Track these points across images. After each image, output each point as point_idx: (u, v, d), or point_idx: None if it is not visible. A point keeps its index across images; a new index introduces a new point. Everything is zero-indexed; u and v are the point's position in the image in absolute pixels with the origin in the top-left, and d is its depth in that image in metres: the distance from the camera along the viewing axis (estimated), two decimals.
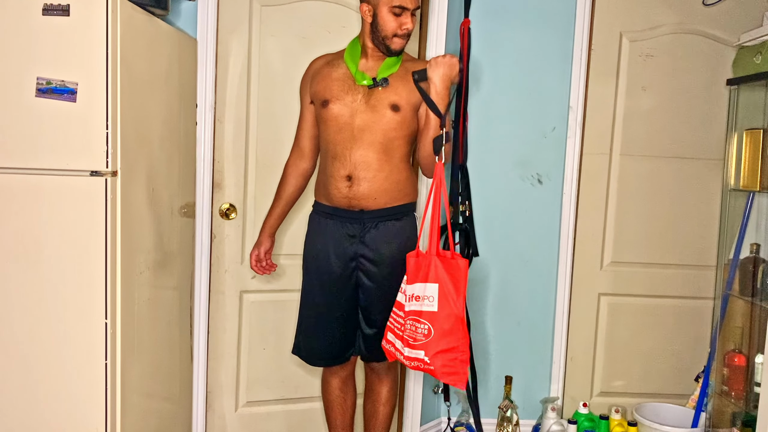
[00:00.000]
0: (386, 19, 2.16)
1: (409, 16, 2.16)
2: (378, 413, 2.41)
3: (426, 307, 2.09)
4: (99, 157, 1.80)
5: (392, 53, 2.21)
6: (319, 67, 2.29)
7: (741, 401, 2.71)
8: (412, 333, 2.09)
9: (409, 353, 2.10)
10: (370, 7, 2.17)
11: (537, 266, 3.00)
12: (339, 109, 2.19)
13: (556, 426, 2.87)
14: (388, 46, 2.19)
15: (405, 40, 2.20)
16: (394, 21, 2.15)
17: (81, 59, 1.77)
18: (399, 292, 2.16)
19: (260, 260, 2.41)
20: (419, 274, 2.11)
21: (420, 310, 2.09)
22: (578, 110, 2.93)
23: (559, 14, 2.89)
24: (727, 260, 2.83)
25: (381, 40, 2.19)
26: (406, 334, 2.10)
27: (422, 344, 2.08)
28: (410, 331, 2.10)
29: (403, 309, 2.12)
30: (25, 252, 1.82)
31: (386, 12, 2.15)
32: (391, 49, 2.20)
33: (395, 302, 2.17)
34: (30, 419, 1.86)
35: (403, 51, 2.24)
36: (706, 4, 2.91)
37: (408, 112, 2.21)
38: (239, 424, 2.79)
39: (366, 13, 2.19)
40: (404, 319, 2.12)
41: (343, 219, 2.23)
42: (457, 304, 2.08)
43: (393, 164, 2.21)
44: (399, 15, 2.15)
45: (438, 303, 2.07)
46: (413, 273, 2.12)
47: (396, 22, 2.15)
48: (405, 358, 2.11)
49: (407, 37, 2.20)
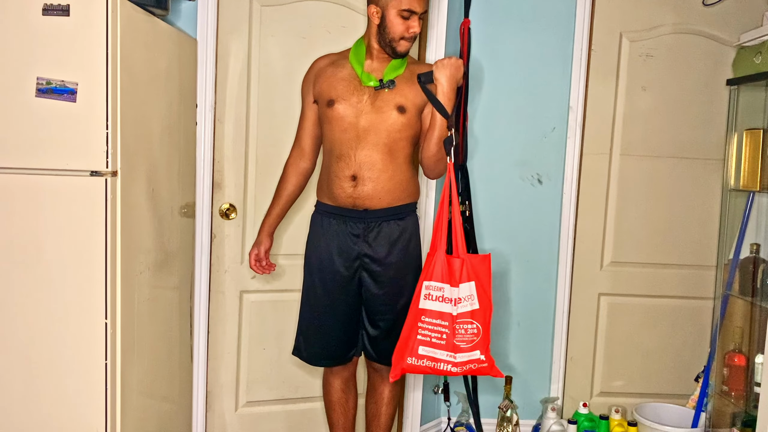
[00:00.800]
0: (394, 22, 2.16)
1: (416, 20, 2.17)
2: (380, 414, 2.41)
3: (471, 306, 2.10)
4: (99, 157, 1.80)
5: (398, 55, 2.22)
6: (323, 67, 2.29)
7: (741, 401, 2.71)
8: (463, 336, 2.08)
9: (462, 358, 2.08)
10: (378, 8, 2.18)
11: (537, 266, 3.00)
12: (344, 110, 2.19)
13: (556, 426, 2.87)
14: (394, 48, 2.20)
15: (411, 42, 2.21)
16: (402, 24, 2.16)
17: (81, 59, 1.77)
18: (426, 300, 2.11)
19: (260, 260, 2.41)
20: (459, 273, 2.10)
21: (471, 311, 2.09)
22: (578, 110, 2.93)
23: (559, 14, 2.89)
24: (727, 260, 2.83)
25: (388, 42, 2.19)
26: (457, 339, 2.08)
27: (476, 344, 2.09)
28: (462, 334, 2.08)
29: (448, 316, 2.08)
30: (25, 252, 1.82)
31: (394, 15, 2.15)
32: (397, 51, 2.21)
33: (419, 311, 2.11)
34: (30, 419, 1.86)
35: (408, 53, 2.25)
36: (706, 4, 2.91)
37: (413, 113, 2.22)
38: (239, 424, 2.79)
39: (374, 14, 2.19)
40: (452, 324, 2.08)
41: (346, 219, 2.23)
42: (489, 298, 2.14)
43: (397, 164, 2.22)
44: (407, 18, 2.15)
45: (478, 299, 2.11)
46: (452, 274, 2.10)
47: (404, 25, 2.16)
48: (456, 364, 2.08)
49: (413, 40, 2.21)
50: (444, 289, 2.10)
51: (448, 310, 2.09)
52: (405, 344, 2.11)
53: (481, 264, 2.14)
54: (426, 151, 2.23)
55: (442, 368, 2.09)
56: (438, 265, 2.10)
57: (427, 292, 2.11)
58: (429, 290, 2.10)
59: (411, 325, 2.12)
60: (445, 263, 2.10)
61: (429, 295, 2.10)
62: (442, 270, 2.10)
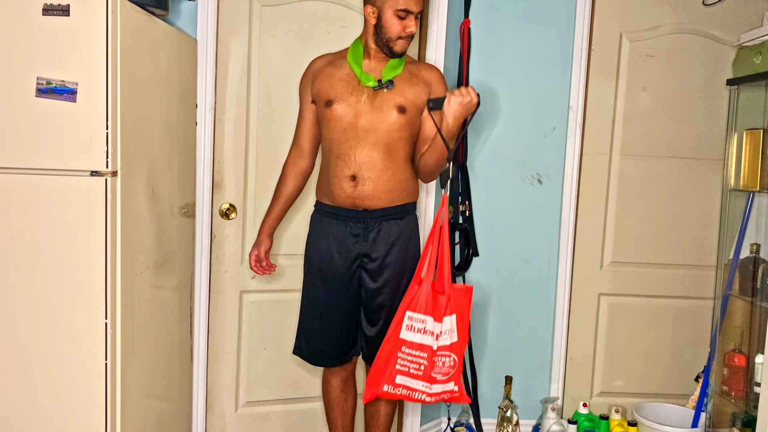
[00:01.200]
0: (391, 22, 2.16)
1: (412, 19, 2.17)
2: (379, 413, 2.41)
3: (451, 339, 2.11)
4: (99, 157, 1.80)
5: (395, 55, 2.22)
6: (321, 67, 2.29)
7: (741, 401, 2.71)
8: (440, 368, 2.10)
9: (437, 389, 2.10)
10: (374, 9, 2.18)
11: (537, 266, 3.00)
12: (343, 110, 2.19)
13: (556, 426, 2.87)
14: (391, 48, 2.20)
15: (408, 42, 2.21)
16: (398, 24, 2.16)
17: (81, 59, 1.77)
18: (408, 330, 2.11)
19: (260, 260, 2.41)
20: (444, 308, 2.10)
21: (450, 344, 2.10)
22: (578, 110, 2.93)
23: (559, 14, 2.89)
24: (727, 260, 2.83)
25: (384, 42, 2.20)
26: (434, 371, 2.09)
27: (451, 375, 2.11)
28: (439, 366, 2.10)
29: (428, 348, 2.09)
30: (25, 252, 1.82)
31: (391, 15, 2.16)
32: (394, 51, 2.21)
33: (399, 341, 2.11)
34: (30, 419, 1.86)
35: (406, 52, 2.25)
36: (706, 4, 2.91)
37: (413, 113, 2.22)
38: (239, 424, 2.79)
39: (370, 15, 2.19)
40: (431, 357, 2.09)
41: (346, 219, 2.23)
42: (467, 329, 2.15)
43: (396, 164, 2.22)
44: (403, 18, 2.16)
45: (458, 332, 2.12)
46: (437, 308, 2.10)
47: (400, 25, 2.16)
48: (431, 395, 2.10)
49: (410, 39, 2.21)
50: (426, 322, 2.10)
51: (429, 342, 2.09)
52: (382, 371, 2.13)
53: (463, 296, 2.15)
54: (422, 163, 2.25)
55: (417, 397, 2.12)
56: (423, 297, 2.10)
57: (409, 323, 2.10)
58: (411, 321, 2.10)
59: (389, 353, 2.12)
60: (430, 297, 2.10)
61: (411, 326, 2.10)
62: (426, 302, 2.10)
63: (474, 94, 2.07)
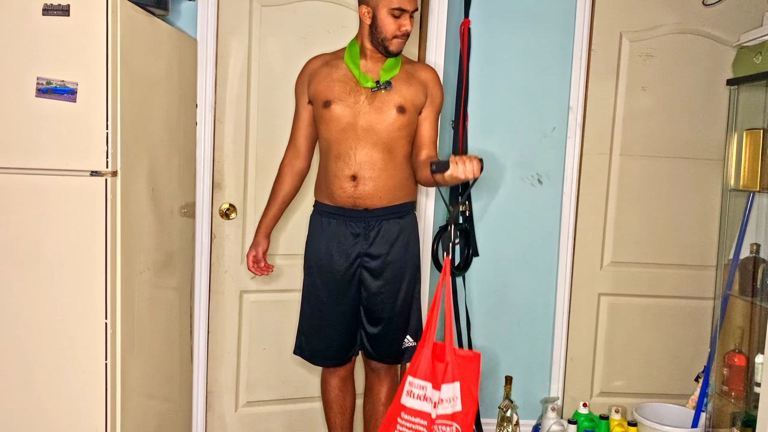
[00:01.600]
0: (385, 21, 2.16)
1: (407, 18, 2.17)
2: (377, 413, 2.41)
3: (453, 408, 2.00)
4: (99, 157, 1.80)
5: (391, 54, 2.22)
6: (317, 68, 2.29)
7: (741, 401, 2.71)
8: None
9: None
10: (369, 8, 2.18)
11: (537, 266, 3.00)
12: (342, 110, 2.19)
13: (556, 426, 2.87)
14: (386, 47, 2.19)
15: (403, 40, 2.21)
16: (393, 23, 2.16)
17: (81, 59, 1.77)
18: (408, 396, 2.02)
19: (258, 261, 2.40)
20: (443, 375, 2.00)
21: (452, 413, 1.99)
22: (578, 110, 2.93)
23: (559, 14, 2.89)
24: (727, 260, 2.83)
25: (380, 42, 2.19)
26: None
27: None
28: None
29: (427, 416, 1.99)
30: (25, 252, 1.82)
31: (385, 14, 2.15)
32: (390, 51, 2.20)
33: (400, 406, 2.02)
34: (30, 419, 1.86)
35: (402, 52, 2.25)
36: (706, 4, 2.91)
37: (412, 113, 2.23)
38: (239, 424, 2.79)
39: (365, 15, 2.19)
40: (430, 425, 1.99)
41: (347, 218, 2.23)
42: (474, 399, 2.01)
43: (396, 163, 2.22)
44: (398, 17, 2.15)
45: (462, 401, 2.00)
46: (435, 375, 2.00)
47: (395, 24, 2.16)
48: None
49: (406, 38, 2.21)
50: (426, 388, 2.01)
51: (428, 410, 2.00)
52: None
53: (469, 364, 2.03)
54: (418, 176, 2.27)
55: None
56: (423, 363, 2.01)
57: (410, 388, 2.02)
58: (411, 387, 2.02)
59: (391, 418, 2.05)
60: (429, 362, 2.02)
61: (411, 392, 2.02)
62: (426, 368, 2.01)
63: (477, 169, 1.97)
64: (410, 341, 2.32)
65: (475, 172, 1.96)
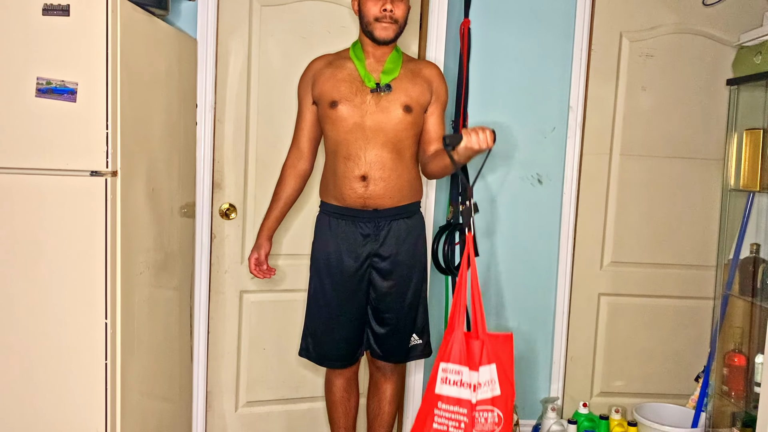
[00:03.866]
0: (368, 5, 2.16)
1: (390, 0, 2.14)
2: (383, 412, 2.41)
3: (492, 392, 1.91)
4: (99, 157, 1.80)
5: (378, 41, 2.19)
6: (321, 68, 2.28)
7: (741, 401, 2.71)
8: (483, 425, 1.90)
9: None
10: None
11: (537, 266, 3.00)
12: (348, 111, 2.19)
13: (556, 426, 2.87)
14: (371, 32, 2.17)
15: (391, 25, 2.16)
16: (375, 5, 2.14)
17: (81, 59, 1.77)
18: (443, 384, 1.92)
19: (260, 263, 2.37)
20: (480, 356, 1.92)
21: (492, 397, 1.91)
22: (578, 110, 2.93)
23: (559, 14, 2.89)
24: (727, 260, 2.83)
25: (366, 29, 2.19)
26: (476, 428, 1.89)
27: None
28: (481, 423, 1.90)
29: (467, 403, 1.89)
30: (25, 252, 1.82)
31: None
32: (375, 36, 2.18)
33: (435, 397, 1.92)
34: (30, 419, 1.86)
35: (394, 40, 2.21)
36: (706, 4, 2.91)
37: (418, 112, 2.23)
38: (239, 424, 2.78)
39: (354, 5, 2.21)
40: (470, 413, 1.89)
41: (356, 219, 2.23)
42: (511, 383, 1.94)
43: (404, 163, 2.22)
44: None
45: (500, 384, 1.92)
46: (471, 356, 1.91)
47: (377, 6, 2.14)
48: None
49: (394, 23, 2.17)
50: (462, 373, 1.91)
51: (467, 396, 1.90)
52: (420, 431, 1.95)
53: (503, 345, 1.95)
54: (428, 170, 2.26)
55: None
56: (456, 346, 1.92)
57: (444, 375, 1.92)
58: (446, 373, 1.92)
59: (426, 410, 1.94)
60: (463, 344, 1.92)
61: (446, 379, 1.92)
62: (460, 351, 1.91)
63: (491, 139, 1.97)
64: (416, 339, 2.32)
65: (489, 142, 1.96)
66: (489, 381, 1.91)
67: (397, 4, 2.15)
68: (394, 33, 2.18)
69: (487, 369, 1.91)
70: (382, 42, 2.19)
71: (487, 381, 1.91)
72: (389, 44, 2.22)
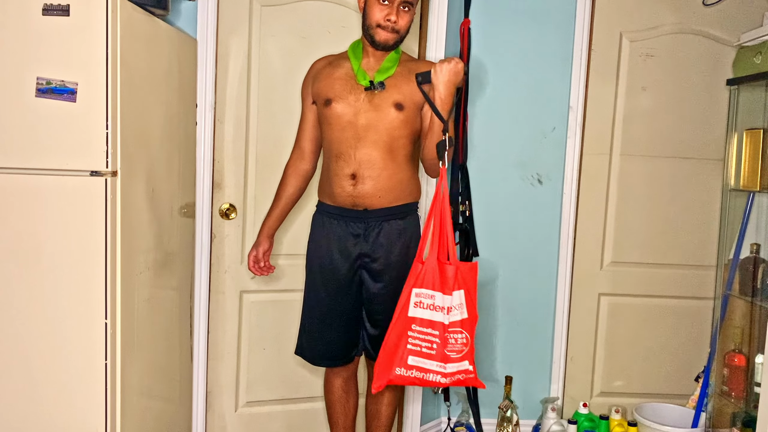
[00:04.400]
0: (373, 8, 2.16)
1: (395, 9, 2.14)
2: (380, 414, 2.41)
3: (461, 315, 2.05)
4: (99, 157, 1.80)
5: (377, 45, 2.19)
6: (321, 68, 2.30)
7: (741, 401, 2.71)
8: (453, 346, 2.04)
9: (452, 368, 2.03)
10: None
11: (537, 266, 3.00)
12: (342, 108, 2.19)
13: (556, 426, 2.87)
14: (372, 36, 2.18)
15: (391, 33, 2.17)
16: (380, 11, 2.15)
17: (81, 59, 1.77)
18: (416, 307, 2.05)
19: (258, 261, 2.40)
20: (453, 281, 2.05)
21: (461, 320, 2.05)
22: (578, 110, 2.93)
23: (559, 14, 2.89)
24: (727, 260, 2.83)
25: (367, 30, 2.19)
26: (447, 349, 2.03)
27: (465, 354, 2.05)
28: (452, 344, 2.04)
29: (440, 325, 2.03)
30: (25, 252, 1.82)
31: (374, 1, 2.15)
32: (375, 40, 2.18)
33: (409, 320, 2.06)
34: (30, 419, 1.86)
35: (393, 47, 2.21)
36: (706, 4, 2.91)
37: (412, 111, 2.22)
38: (239, 424, 2.79)
39: (360, 3, 2.21)
40: (443, 334, 2.03)
41: (347, 218, 2.23)
42: (475, 307, 2.09)
43: (397, 163, 2.22)
44: (386, 5, 2.14)
45: (467, 308, 2.06)
46: (445, 281, 2.05)
47: (381, 12, 2.15)
48: (446, 375, 2.02)
49: (395, 34, 2.18)
50: (435, 297, 2.05)
51: (440, 318, 2.04)
52: (392, 354, 2.05)
53: (469, 272, 2.10)
54: (425, 152, 2.23)
55: (432, 379, 2.04)
56: (429, 272, 2.05)
57: (417, 299, 2.05)
58: (420, 298, 2.05)
59: (399, 334, 2.06)
60: (436, 270, 2.05)
61: (420, 302, 2.05)
62: (433, 277, 2.05)
63: (460, 68, 2.06)
64: None
65: (459, 67, 2.05)
66: (459, 305, 2.06)
67: (402, 15, 2.16)
68: (393, 41, 2.19)
69: (457, 294, 2.06)
70: (381, 47, 2.20)
71: (458, 305, 2.05)
72: (388, 50, 2.22)
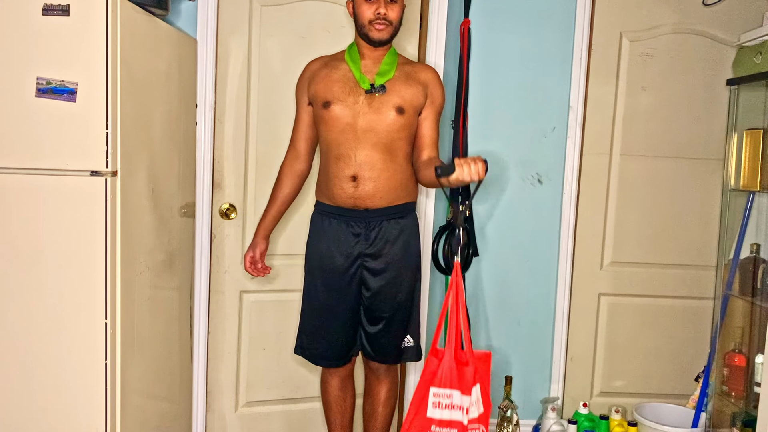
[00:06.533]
0: (362, 9, 2.19)
1: (381, 3, 2.16)
2: (377, 414, 2.41)
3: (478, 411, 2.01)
4: (99, 157, 1.80)
5: (374, 43, 2.21)
6: (317, 69, 2.30)
7: (741, 401, 2.71)
8: None
9: None
10: (350, 1, 2.23)
11: (537, 266, 3.00)
12: (341, 111, 2.20)
13: (556, 426, 2.87)
14: (367, 35, 2.20)
15: (385, 27, 2.19)
16: (368, 8, 2.17)
17: (81, 59, 1.77)
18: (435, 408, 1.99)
19: (255, 262, 2.40)
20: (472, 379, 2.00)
21: (479, 415, 2.00)
22: (578, 110, 2.93)
23: (559, 14, 2.89)
24: (727, 260, 2.83)
25: (360, 31, 2.21)
26: None
27: None
28: None
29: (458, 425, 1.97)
30: (25, 252, 1.82)
31: (361, 1, 2.18)
32: (371, 38, 2.20)
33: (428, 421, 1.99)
34: (30, 419, 1.86)
35: (389, 40, 2.23)
36: (706, 4, 2.91)
37: (411, 114, 2.23)
38: (239, 424, 2.79)
39: (349, 8, 2.24)
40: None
41: (347, 218, 2.24)
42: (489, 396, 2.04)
43: (396, 164, 2.23)
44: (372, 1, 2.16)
45: (483, 402, 2.02)
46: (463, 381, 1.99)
47: (370, 9, 2.17)
48: None
49: (389, 25, 2.19)
50: (453, 396, 1.99)
51: (459, 418, 1.98)
52: None
53: (483, 364, 2.06)
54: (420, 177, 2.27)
55: None
56: (446, 370, 1.99)
57: (435, 399, 1.99)
58: (438, 398, 1.99)
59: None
60: (454, 369, 2.00)
61: (438, 403, 2.00)
62: (451, 375, 1.99)
63: (482, 171, 1.95)
64: (410, 341, 2.32)
65: (481, 174, 1.96)
66: (476, 401, 2.01)
67: (390, 7, 2.18)
68: (389, 34, 2.21)
69: (475, 390, 2.01)
70: (378, 43, 2.21)
71: (475, 401, 2.01)
72: (385, 45, 2.23)
